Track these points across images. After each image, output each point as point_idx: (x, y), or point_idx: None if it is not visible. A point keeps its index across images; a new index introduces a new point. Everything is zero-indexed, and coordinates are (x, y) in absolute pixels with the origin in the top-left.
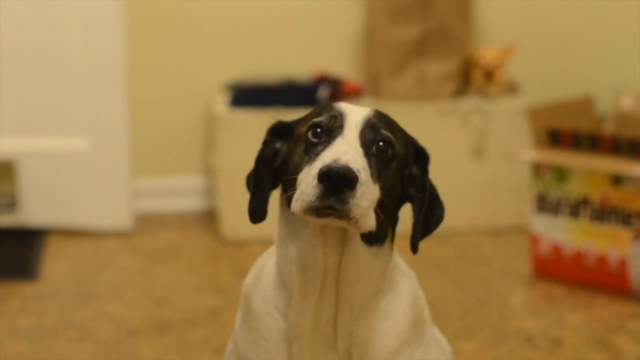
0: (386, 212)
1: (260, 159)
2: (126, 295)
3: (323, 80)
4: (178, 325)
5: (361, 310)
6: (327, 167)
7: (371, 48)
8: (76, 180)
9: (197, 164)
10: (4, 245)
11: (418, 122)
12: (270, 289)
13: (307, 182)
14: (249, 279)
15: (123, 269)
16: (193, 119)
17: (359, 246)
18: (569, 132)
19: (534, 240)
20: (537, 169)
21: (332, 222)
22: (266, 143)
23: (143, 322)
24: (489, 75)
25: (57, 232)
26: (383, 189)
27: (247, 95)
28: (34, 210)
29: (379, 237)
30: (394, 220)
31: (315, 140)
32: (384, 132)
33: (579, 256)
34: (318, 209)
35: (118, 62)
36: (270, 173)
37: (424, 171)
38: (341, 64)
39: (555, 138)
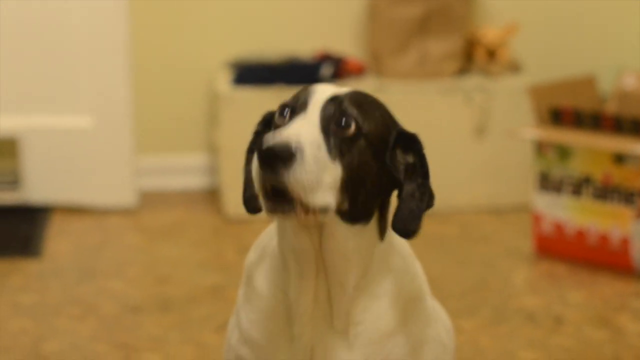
0: (362, 193)
1: (251, 150)
2: (129, 273)
3: (326, 58)
4: (181, 302)
5: (354, 290)
6: (263, 144)
7: (374, 26)
8: (79, 158)
9: (200, 142)
10: (7, 222)
11: (420, 100)
12: (273, 269)
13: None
14: (251, 257)
15: (126, 246)
16: (196, 96)
17: (337, 226)
18: (571, 111)
19: (536, 219)
20: (540, 148)
21: (284, 217)
22: (257, 134)
23: (146, 299)
24: (491, 54)
25: (60, 209)
26: (348, 167)
27: (250, 73)
28: (37, 187)
29: (359, 216)
30: (382, 202)
31: (279, 121)
32: (348, 107)
33: (581, 235)
34: (267, 193)
35: (121, 39)
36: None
37: (421, 157)
38: (344, 42)
39: (558, 117)
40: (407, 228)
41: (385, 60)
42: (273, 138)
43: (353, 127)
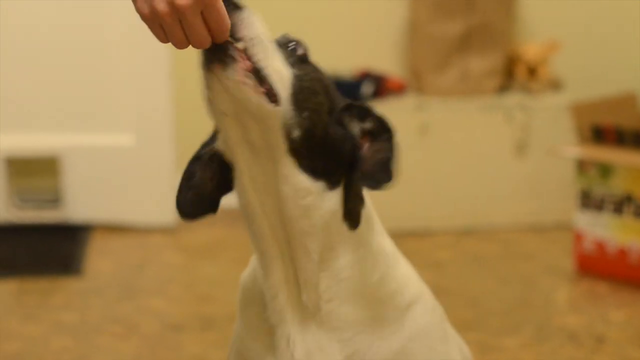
0: (316, 127)
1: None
2: (170, 291)
3: (366, 76)
4: (222, 321)
5: (319, 261)
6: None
7: (414, 44)
8: (120, 176)
9: None
10: (49, 240)
11: (461, 118)
12: (258, 273)
13: None
14: (245, 275)
15: (166, 264)
16: None
17: (292, 170)
18: (612, 129)
19: (578, 237)
20: (581, 166)
21: (221, 74)
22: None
23: (187, 317)
24: (532, 71)
25: (101, 227)
26: (298, 80)
27: None
28: (78, 205)
29: (315, 166)
30: (346, 184)
31: None
32: (297, 38)
33: (622, 253)
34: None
35: (162, 57)
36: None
37: (380, 121)
38: (384, 60)
39: (599, 134)
40: (376, 177)
41: (426, 77)
42: None
43: (302, 50)
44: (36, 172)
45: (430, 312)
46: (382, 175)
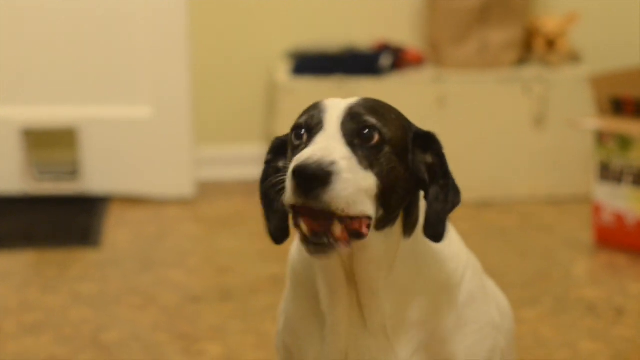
0: (394, 199)
1: (264, 180)
2: (188, 263)
3: (385, 48)
4: (241, 292)
5: (384, 289)
6: (297, 165)
7: (433, 16)
8: (138, 148)
9: (258, 132)
10: (67, 212)
11: (479, 90)
12: (322, 298)
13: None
14: (295, 255)
15: (185, 236)
16: (255, 87)
17: (370, 236)
18: (632, 101)
19: (597, 209)
20: (600, 138)
21: (325, 256)
22: (268, 163)
23: (206, 289)
24: (550, 43)
25: (119, 199)
26: (379, 176)
27: (308, 64)
28: (95, 177)
29: (389, 221)
30: (408, 203)
31: (297, 142)
32: (366, 118)
33: None
34: (305, 235)
35: (180, 30)
36: (280, 192)
37: (441, 157)
38: (403, 32)
39: (618, 106)
40: (436, 232)
41: (444, 50)
42: (306, 160)
43: (376, 136)
44: (54, 144)
45: (477, 274)
46: (439, 228)
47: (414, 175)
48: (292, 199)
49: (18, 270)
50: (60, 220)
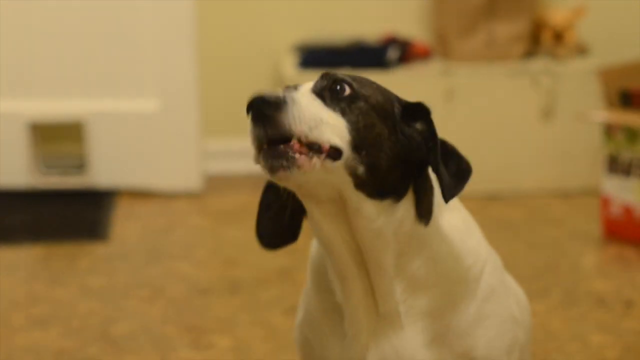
0: (382, 158)
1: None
2: (196, 255)
3: (392, 41)
4: (249, 285)
5: (393, 271)
6: (250, 97)
7: (440, 9)
8: (145, 142)
9: None
10: (74, 206)
11: (487, 83)
12: (336, 288)
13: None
14: (314, 250)
15: (193, 229)
16: (262, 80)
17: (361, 202)
18: None
19: (605, 202)
20: (609, 130)
21: (286, 174)
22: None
23: (214, 281)
24: (558, 36)
25: (127, 193)
26: (352, 124)
27: (316, 57)
28: (103, 171)
29: (384, 189)
30: (417, 184)
31: None
32: (339, 76)
33: None
34: (261, 149)
35: (187, 23)
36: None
37: (429, 123)
38: (410, 25)
39: (626, 99)
40: (456, 190)
41: (452, 43)
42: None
43: (348, 89)
44: (61, 137)
45: (497, 269)
46: (460, 186)
47: (407, 145)
48: (253, 133)
49: (26, 264)
50: (68, 214)
